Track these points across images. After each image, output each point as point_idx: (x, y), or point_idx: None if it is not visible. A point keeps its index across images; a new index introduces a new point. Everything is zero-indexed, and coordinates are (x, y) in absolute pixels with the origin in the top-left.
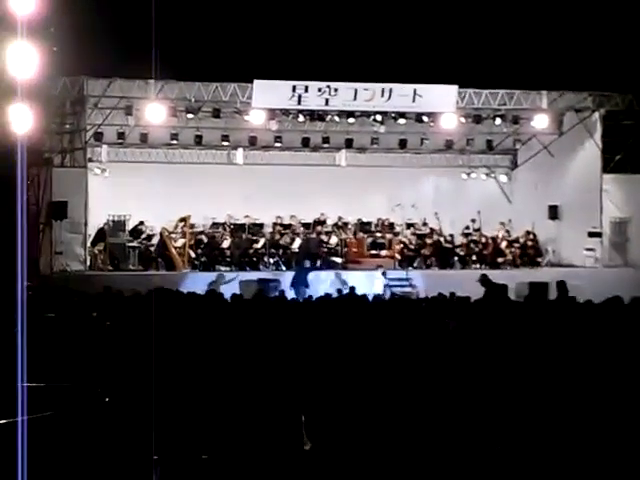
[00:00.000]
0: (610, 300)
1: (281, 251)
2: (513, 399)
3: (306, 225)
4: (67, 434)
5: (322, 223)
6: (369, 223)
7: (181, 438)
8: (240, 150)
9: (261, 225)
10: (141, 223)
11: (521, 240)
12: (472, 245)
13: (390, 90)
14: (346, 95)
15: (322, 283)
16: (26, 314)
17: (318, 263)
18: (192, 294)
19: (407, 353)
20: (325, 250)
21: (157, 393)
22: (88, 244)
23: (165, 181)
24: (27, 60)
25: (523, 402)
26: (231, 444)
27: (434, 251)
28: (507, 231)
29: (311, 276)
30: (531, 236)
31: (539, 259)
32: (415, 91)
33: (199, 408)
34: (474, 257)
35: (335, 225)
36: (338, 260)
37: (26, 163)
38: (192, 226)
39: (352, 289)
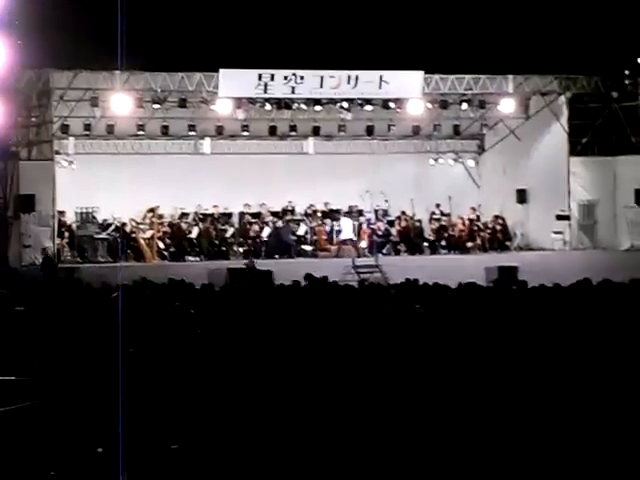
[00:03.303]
0: (579, 283)
1: (250, 240)
2: (486, 382)
3: (275, 214)
4: (34, 426)
5: (291, 211)
6: (338, 211)
7: (151, 428)
8: (207, 140)
9: (230, 214)
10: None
11: (490, 225)
12: (442, 231)
13: (356, 77)
14: (312, 83)
15: None
16: None
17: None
18: (163, 285)
19: (379, 340)
20: (295, 239)
21: (127, 383)
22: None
23: (133, 172)
24: None
25: (496, 385)
26: (201, 434)
27: (403, 237)
28: (477, 216)
29: None
30: (500, 220)
31: (508, 243)
32: (381, 77)
33: (169, 397)
34: (443, 242)
35: (304, 213)
36: (308, 248)
37: None
38: (160, 217)
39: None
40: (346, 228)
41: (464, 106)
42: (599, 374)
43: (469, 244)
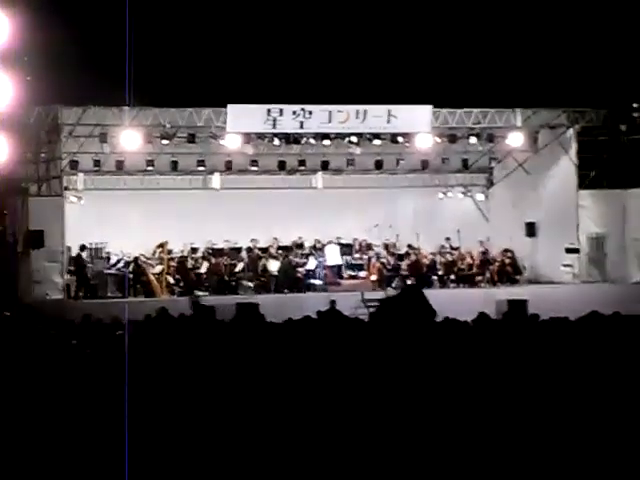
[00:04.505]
0: (589, 316)
1: (260, 275)
2: (497, 415)
3: (284, 248)
4: (42, 461)
5: (300, 246)
6: (347, 245)
7: (157, 466)
8: (216, 175)
9: (239, 249)
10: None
11: (499, 258)
12: (451, 265)
13: (365, 111)
14: (321, 117)
15: None
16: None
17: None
18: (172, 318)
19: (392, 373)
20: (304, 273)
21: (135, 419)
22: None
23: (142, 207)
24: (1, 90)
25: (507, 418)
26: (210, 472)
27: (413, 271)
28: (486, 249)
29: None
30: (509, 254)
31: (517, 276)
32: (389, 112)
33: (177, 435)
34: (452, 276)
35: (313, 247)
36: (318, 282)
37: (2, 193)
38: (170, 252)
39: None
40: (332, 255)
41: (472, 140)
42: (610, 408)
43: (478, 278)
